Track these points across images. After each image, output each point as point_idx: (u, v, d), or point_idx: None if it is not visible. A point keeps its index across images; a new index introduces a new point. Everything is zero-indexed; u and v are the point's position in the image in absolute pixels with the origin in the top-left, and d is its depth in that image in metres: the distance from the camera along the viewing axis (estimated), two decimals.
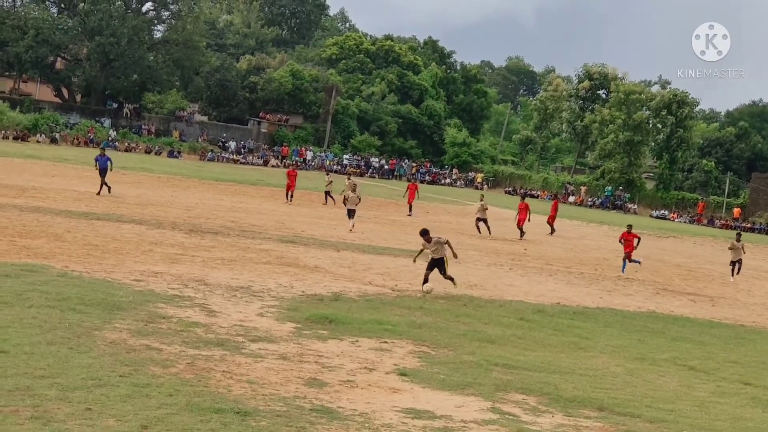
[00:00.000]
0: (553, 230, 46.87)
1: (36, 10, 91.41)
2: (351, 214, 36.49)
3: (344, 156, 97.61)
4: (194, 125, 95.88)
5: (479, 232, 40.91)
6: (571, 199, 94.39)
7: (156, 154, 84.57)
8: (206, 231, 29.86)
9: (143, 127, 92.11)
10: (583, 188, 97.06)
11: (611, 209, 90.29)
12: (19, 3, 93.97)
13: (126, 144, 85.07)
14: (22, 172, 45.75)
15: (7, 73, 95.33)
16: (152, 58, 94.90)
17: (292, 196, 48.03)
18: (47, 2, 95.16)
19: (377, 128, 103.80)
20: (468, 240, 37.85)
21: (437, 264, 21.92)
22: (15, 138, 77.51)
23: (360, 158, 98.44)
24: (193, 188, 48.85)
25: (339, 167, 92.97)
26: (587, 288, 27.86)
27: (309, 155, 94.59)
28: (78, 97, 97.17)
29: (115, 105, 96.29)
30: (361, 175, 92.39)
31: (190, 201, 40.88)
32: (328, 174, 55.66)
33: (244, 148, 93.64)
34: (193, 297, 17.74)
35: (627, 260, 32.95)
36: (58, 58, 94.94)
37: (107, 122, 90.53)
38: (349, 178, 50.54)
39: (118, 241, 24.61)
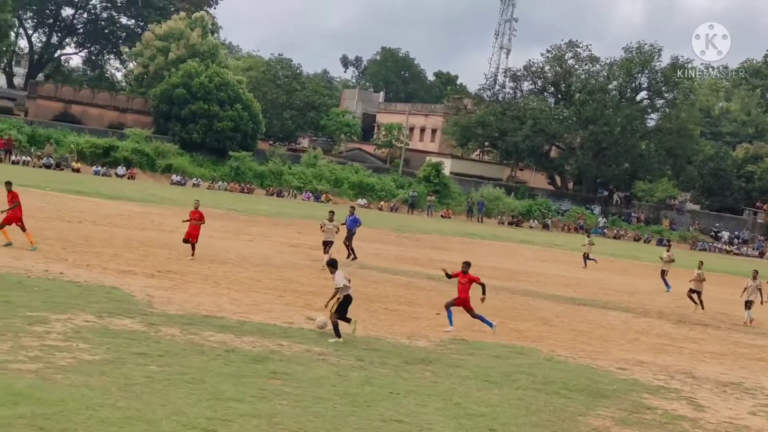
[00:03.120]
0: None
1: (535, 101, 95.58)
2: (698, 295, 31.76)
3: None
4: (685, 214, 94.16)
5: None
6: None
7: (645, 242, 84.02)
8: (695, 322, 28.89)
9: (633, 214, 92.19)
10: None
11: None
12: (519, 95, 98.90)
13: (615, 231, 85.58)
14: (515, 256, 47.52)
15: (505, 161, 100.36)
16: (644, 146, 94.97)
17: None
18: (545, 93, 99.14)
19: None
20: None
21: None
22: (510, 223, 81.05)
23: None
24: (682, 277, 47.61)
25: None
26: None
27: None
28: (570, 185, 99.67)
29: (605, 192, 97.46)
30: None
31: (678, 290, 39.80)
32: (589, 235, 51.07)
33: (737, 239, 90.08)
34: (680, 389, 17.13)
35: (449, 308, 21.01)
36: (553, 147, 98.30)
37: (597, 209, 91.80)
38: (668, 250, 42.32)
39: (603, 328, 24.56)
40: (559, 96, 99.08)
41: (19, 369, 12.26)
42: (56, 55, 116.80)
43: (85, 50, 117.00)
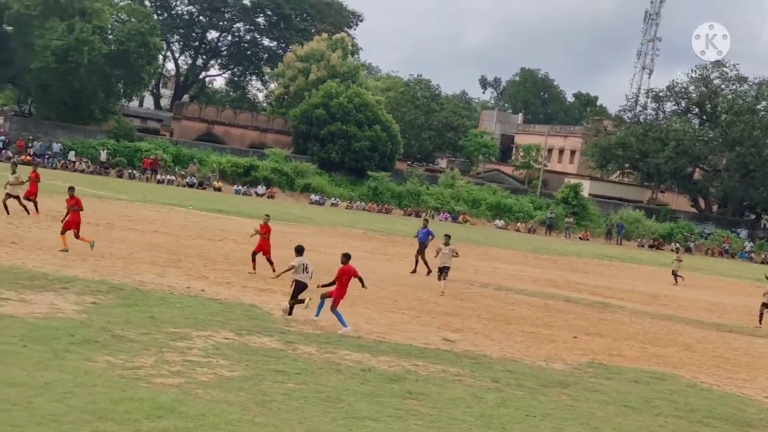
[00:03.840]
0: None
1: (678, 122, 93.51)
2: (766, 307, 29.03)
3: None
4: None
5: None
6: None
7: None
8: None
9: None
10: None
11: None
12: (661, 116, 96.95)
13: (762, 256, 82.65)
14: (655, 280, 46.39)
15: (646, 183, 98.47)
16: None
17: None
18: (689, 114, 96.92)
19: None
20: None
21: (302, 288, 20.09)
22: (650, 246, 79.32)
23: None
24: None
25: None
26: None
27: None
28: (714, 207, 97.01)
29: (752, 216, 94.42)
30: None
31: None
32: (677, 251, 48.41)
33: None
34: None
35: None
36: (697, 169, 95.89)
37: (743, 233, 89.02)
38: None
39: (750, 356, 23.70)
40: (704, 117, 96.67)
41: (162, 383, 12.56)
42: (201, 76, 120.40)
43: (229, 72, 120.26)
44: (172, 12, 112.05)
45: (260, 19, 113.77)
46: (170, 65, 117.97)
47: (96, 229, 31.54)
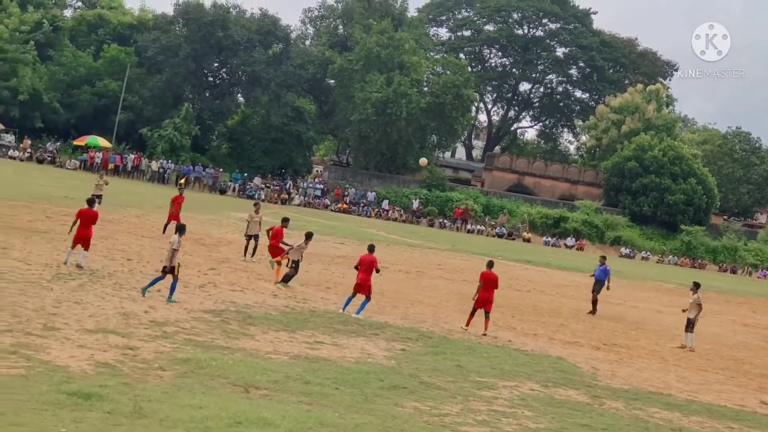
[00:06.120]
0: None
1: None
2: None
3: None
4: None
5: None
6: None
7: None
8: None
9: None
10: None
11: None
12: None
13: None
14: None
15: None
16: None
17: None
18: None
19: None
20: None
21: None
22: None
23: None
24: None
25: None
26: None
27: None
28: None
29: None
30: None
31: None
32: None
33: None
34: None
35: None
36: None
37: None
38: None
39: None
40: None
41: (467, 431, 12.63)
42: (513, 128, 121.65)
43: (540, 123, 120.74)
44: (486, 65, 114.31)
45: (573, 71, 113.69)
46: (482, 117, 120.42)
47: (406, 276, 32.46)
